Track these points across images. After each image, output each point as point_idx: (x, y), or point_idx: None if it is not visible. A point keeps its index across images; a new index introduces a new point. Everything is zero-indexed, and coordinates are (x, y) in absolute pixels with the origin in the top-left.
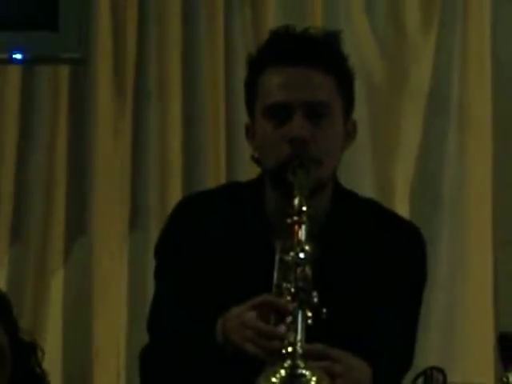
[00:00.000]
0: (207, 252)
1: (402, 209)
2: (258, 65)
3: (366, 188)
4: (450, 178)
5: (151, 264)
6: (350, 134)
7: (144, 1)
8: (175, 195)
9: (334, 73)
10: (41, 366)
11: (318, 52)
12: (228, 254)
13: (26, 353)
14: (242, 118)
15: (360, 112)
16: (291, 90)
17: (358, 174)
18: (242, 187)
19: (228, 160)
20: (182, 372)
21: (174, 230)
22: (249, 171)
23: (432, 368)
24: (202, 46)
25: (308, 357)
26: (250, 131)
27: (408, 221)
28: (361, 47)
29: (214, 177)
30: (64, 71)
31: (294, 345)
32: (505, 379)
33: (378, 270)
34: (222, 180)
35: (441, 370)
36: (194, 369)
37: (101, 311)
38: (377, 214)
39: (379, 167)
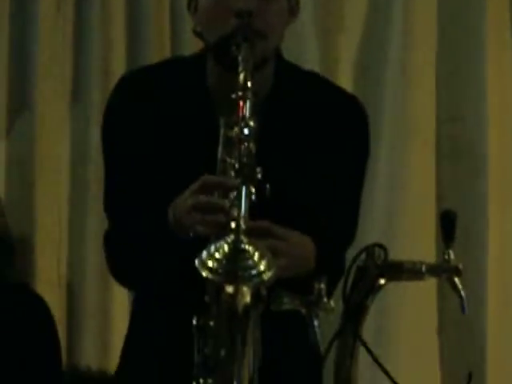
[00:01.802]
0: (151, 126)
1: (346, 83)
2: None
3: (310, 61)
4: (395, 52)
5: (93, 138)
6: (293, 9)
7: None
8: (118, 71)
9: None
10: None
11: None
12: (171, 129)
13: None
14: None
15: None
16: None
17: (303, 48)
18: (185, 61)
19: (172, 35)
20: (143, 258)
21: (117, 107)
22: (194, 47)
23: (374, 245)
24: None
25: (251, 233)
26: (191, 5)
27: (351, 93)
28: None
29: (157, 52)
30: None
31: (237, 220)
32: (446, 256)
33: (321, 142)
34: (167, 56)
35: (382, 247)
36: (154, 254)
37: (43, 186)
38: (320, 87)
39: (324, 41)
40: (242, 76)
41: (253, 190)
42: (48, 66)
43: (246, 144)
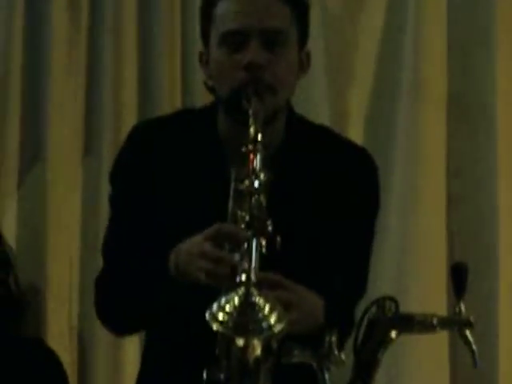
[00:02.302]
0: (161, 178)
1: (357, 136)
2: None
3: (320, 115)
4: (405, 107)
5: (104, 189)
6: (303, 64)
7: None
8: (129, 121)
9: (289, 1)
10: (18, 285)
11: None
12: (182, 180)
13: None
14: (198, 47)
15: (315, 40)
16: (247, 17)
17: (314, 101)
18: (196, 113)
19: (183, 88)
20: (135, 302)
21: (127, 157)
22: (204, 99)
23: (384, 297)
24: None
25: (262, 286)
26: (203, 58)
27: (360, 146)
28: None
29: (168, 104)
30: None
31: (247, 273)
32: (457, 309)
33: (331, 197)
34: (178, 108)
35: (393, 300)
36: (147, 299)
37: (54, 237)
38: (330, 140)
39: (334, 94)
40: (252, 129)
41: (263, 242)
42: (60, 116)
43: (256, 197)
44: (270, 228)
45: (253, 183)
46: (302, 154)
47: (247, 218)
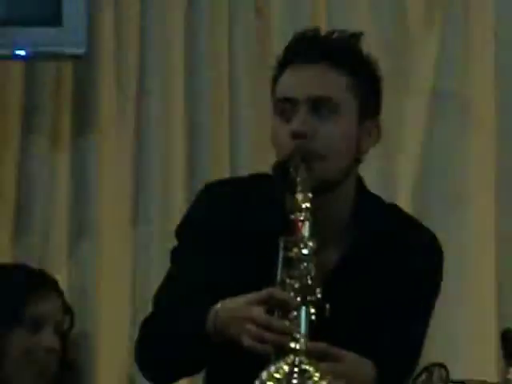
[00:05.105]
0: (224, 237)
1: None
2: (279, 65)
3: (368, 185)
4: (454, 176)
5: (155, 261)
6: (370, 134)
7: None
8: (178, 190)
9: (347, 71)
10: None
11: (332, 51)
12: (241, 242)
13: None
14: (247, 118)
15: None
16: (298, 85)
17: (360, 172)
18: (266, 179)
19: (232, 159)
20: (172, 351)
21: (198, 213)
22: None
23: (434, 364)
24: (206, 45)
25: (311, 355)
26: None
27: (428, 230)
28: (365, 46)
29: (217, 175)
30: (67, 67)
31: (297, 340)
32: (508, 376)
33: (393, 276)
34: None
35: (443, 367)
36: (184, 352)
37: (105, 310)
38: (399, 223)
39: (382, 165)
40: (300, 197)
41: (312, 310)
42: (109, 190)
43: (305, 264)
44: (319, 296)
45: (301, 251)
46: (370, 231)
47: (296, 285)
